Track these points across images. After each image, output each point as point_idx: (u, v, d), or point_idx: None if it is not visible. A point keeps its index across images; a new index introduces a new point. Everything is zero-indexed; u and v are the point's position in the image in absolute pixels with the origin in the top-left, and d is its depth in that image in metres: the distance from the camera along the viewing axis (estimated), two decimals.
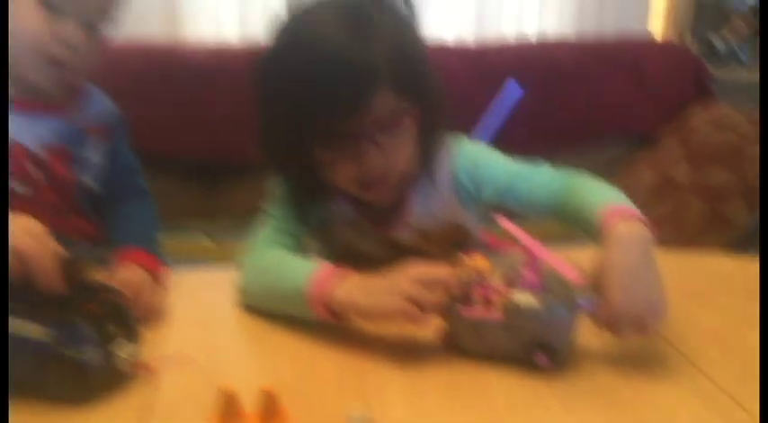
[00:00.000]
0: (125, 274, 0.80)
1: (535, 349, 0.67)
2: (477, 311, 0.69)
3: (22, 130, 0.88)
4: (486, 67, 1.93)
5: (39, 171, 0.90)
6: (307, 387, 0.65)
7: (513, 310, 0.67)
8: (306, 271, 0.76)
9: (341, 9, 0.78)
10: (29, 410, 0.61)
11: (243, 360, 0.75)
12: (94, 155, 0.97)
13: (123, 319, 0.65)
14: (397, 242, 0.91)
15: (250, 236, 0.88)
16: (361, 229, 0.91)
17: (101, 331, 0.62)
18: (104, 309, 0.64)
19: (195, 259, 1.34)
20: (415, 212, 0.91)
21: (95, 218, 0.98)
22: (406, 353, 0.72)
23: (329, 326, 0.76)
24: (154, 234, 0.97)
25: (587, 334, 0.70)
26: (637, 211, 0.74)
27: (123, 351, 0.63)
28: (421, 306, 0.68)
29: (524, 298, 0.67)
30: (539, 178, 0.88)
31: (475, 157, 0.91)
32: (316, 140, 0.80)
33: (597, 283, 0.68)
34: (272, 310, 0.80)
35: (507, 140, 0.96)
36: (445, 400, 0.64)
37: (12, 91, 0.89)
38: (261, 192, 0.99)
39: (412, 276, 0.70)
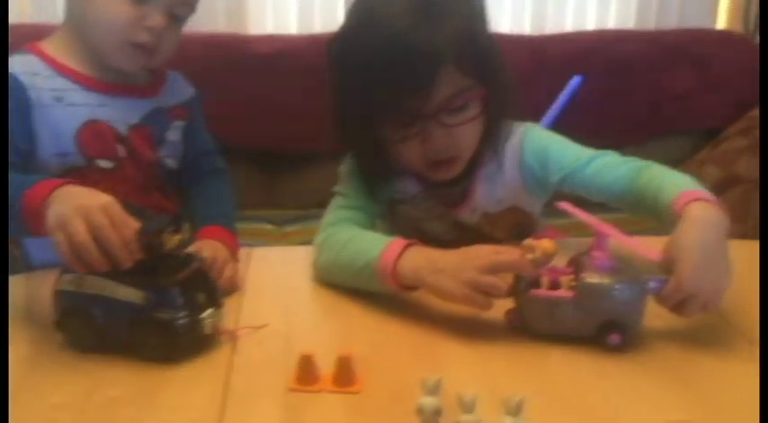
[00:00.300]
0: (206, 249, 0.83)
1: (608, 329, 0.69)
2: (547, 291, 0.71)
3: (110, 111, 0.93)
4: (545, 58, 1.92)
5: (124, 149, 0.94)
6: (378, 355, 0.68)
7: (585, 290, 0.69)
8: (378, 246, 0.79)
9: None
10: (125, 368, 0.65)
11: (317, 329, 0.79)
12: (174, 134, 1.01)
13: (209, 287, 0.69)
14: (461, 223, 0.93)
15: (324, 216, 0.91)
16: (428, 208, 0.94)
17: (190, 298, 0.66)
18: (193, 278, 0.68)
19: (258, 243, 1.39)
20: (480, 194, 0.93)
21: (175, 194, 1.03)
22: (472, 325, 0.75)
23: (399, 298, 0.79)
24: (231, 211, 1.01)
25: (650, 313, 0.71)
26: (711, 196, 0.75)
27: (209, 317, 0.67)
28: (485, 293, 0.70)
29: (597, 278, 0.69)
30: (608, 163, 0.89)
31: (543, 141, 0.93)
32: (385, 119, 0.83)
33: (667, 262, 0.69)
34: (346, 285, 0.83)
35: (569, 133, 0.96)
36: (509, 371, 0.67)
37: (100, 74, 0.94)
38: (322, 180, 1.02)
39: (479, 264, 0.71)
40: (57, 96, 0.90)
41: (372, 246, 0.80)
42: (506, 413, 0.50)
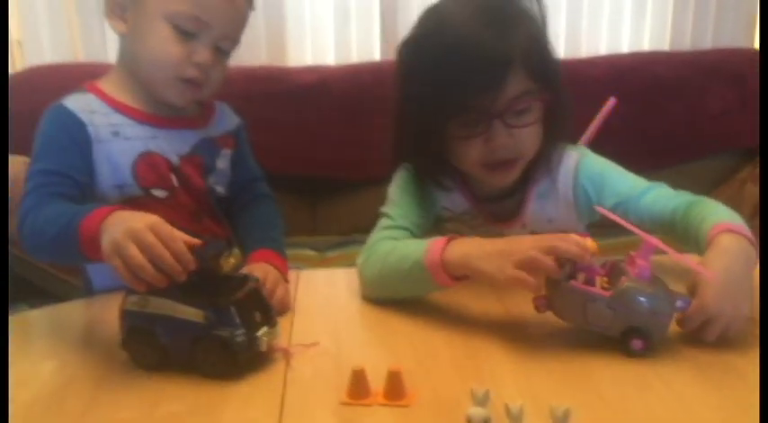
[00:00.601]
0: (258, 272, 0.86)
1: (632, 334, 0.72)
2: (586, 285, 0.73)
3: (162, 142, 0.98)
4: (580, 81, 1.94)
5: (176, 179, 0.99)
6: (423, 369, 0.71)
7: (624, 293, 0.72)
8: (421, 246, 0.83)
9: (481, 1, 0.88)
10: (187, 384, 0.69)
11: (365, 345, 0.82)
12: (223, 162, 1.05)
13: (264, 307, 0.73)
14: None
15: (369, 237, 0.95)
16: (475, 226, 0.96)
17: (247, 317, 0.69)
18: (249, 297, 0.71)
19: (300, 267, 1.43)
20: (532, 211, 0.96)
21: (225, 220, 1.07)
22: (515, 338, 0.77)
23: (442, 312, 0.83)
24: (279, 235, 1.04)
25: None
26: (746, 230, 0.78)
27: (264, 335, 0.70)
28: (533, 273, 0.72)
29: (638, 284, 0.72)
30: (662, 195, 0.92)
31: (600, 167, 0.97)
32: (453, 117, 0.86)
33: (693, 286, 0.73)
34: (397, 294, 0.87)
35: (607, 154, 0.99)
36: (553, 383, 0.68)
37: (153, 109, 0.99)
38: (361, 206, 1.06)
39: (528, 244, 0.74)
40: (114, 131, 0.95)
41: (416, 247, 0.84)
42: (554, 422, 0.52)
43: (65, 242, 0.78)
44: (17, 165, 1.61)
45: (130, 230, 0.69)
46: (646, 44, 2.25)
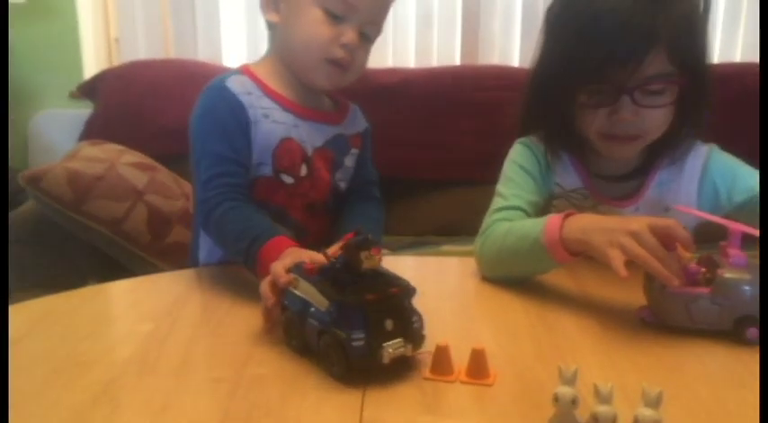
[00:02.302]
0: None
1: (745, 323, 0.70)
2: (683, 288, 0.72)
3: (301, 131, 1.01)
4: None
5: (306, 168, 1.01)
6: (506, 351, 0.71)
7: (723, 285, 0.71)
8: (539, 224, 0.84)
9: None
10: (272, 350, 0.71)
11: (448, 328, 0.79)
12: (350, 160, 1.08)
13: (403, 316, 0.65)
14: None
15: (484, 219, 0.97)
16: (583, 206, 0.97)
17: (375, 322, 0.63)
18: (385, 302, 0.64)
19: None
20: (650, 196, 0.96)
21: (334, 216, 1.08)
22: (597, 321, 0.78)
23: (522, 297, 0.85)
24: (377, 233, 1.05)
25: None
26: None
27: (393, 347, 0.63)
28: (626, 253, 0.72)
29: (735, 273, 0.71)
30: None
31: (731, 162, 0.97)
32: (584, 83, 0.87)
33: None
34: (516, 272, 0.90)
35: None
36: (638, 367, 0.68)
37: (298, 98, 1.02)
38: (437, 208, 1.06)
39: (645, 220, 0.73)
40: (264, 113, 0.98)
41: (534, 226, 0.85)
42: (645, 405, 0.51)
43: (244, 257, 0.84)
44: (112, 152, 1.70)
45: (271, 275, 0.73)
46: (738, 55, 2.18)
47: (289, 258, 0.74)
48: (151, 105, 1.94)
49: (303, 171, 1.01)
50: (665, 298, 0.73)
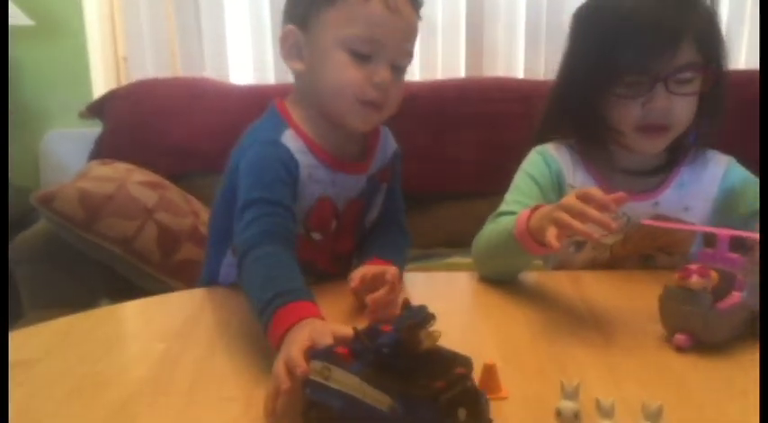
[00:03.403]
0: (375, 269, 0.88)
1: (755, 319, 0.74)
2: (728, 300, 0.75)
3: (337, 189, 0.97)
4: None
5: (336, 223, 0.99)
6: (510, 365, 0.72)
7: (754, 289, 0.74)
8: (513, 219, 0.92)
9: None
10: None
11: (452, 344, 0.82)
12: (380, 197, 1.04)
13: (474, 401, 0.55)
14: (630, 218, 1.02)
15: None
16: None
17: (447, 414, 0.53)
18: (454, 388, 0.54)
19: None
20: (669, 194, 1.04)
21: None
22: (600, 340, 0.79)
23: (525, 310, 0.87)
24: (401, 259, 0.99)
25: None
26: None
27: None
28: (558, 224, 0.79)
29: (755, 276, 0.74)
30: None
31: (746, 172, 1.06)
32: (621, 75, 0.95)
33: None
34: (501, 267, 0.99)
35: None
36: (640, 380, 0.69)
37: (331, 147, 0.96)
38: (444, 221, 1.08)
39: (562, 202, 0.82)
40: (309, 173, 0.94)
41: (510, 220, 0.93)
42: (645, 418, 0.52)
43: (258, 310, 0.75)
44: (122, 171, 1.73)
45: (287, 359, 0.64)
46: (742, 63, 2.20)
47: (304, 334, 0.65)
48: (159, 124, 1.97)
49: (333, 226, 0.99)
50: (713, 317, 0.73)
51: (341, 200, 0.98)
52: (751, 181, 1.05)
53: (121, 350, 0.83)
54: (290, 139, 0.93)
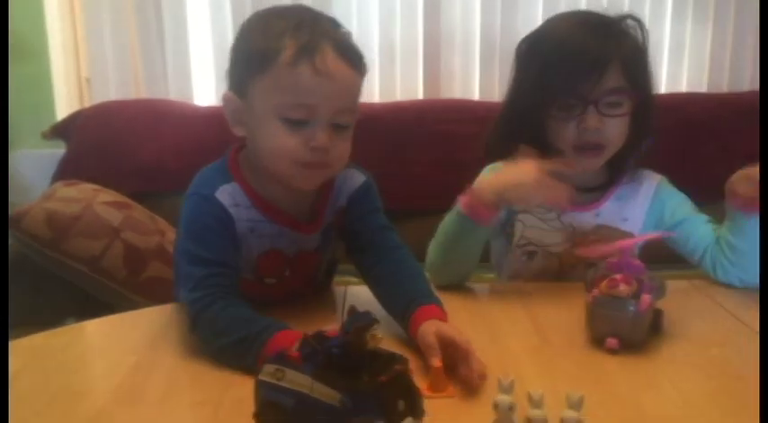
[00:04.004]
0: (448, 329, 0.82)
1: (657, 315, 0.88)
2: (642, 302, 0.84)
3: (286, 241, 0.98)
4: None
5: (289, 269, 1.01)
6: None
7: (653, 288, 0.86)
8: (457, 205, 1.06)
9: (591, 15, 1.13)
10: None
11: (403, 348, 0.85)
12: (333, 242, 1.04)
13: (410, 394, 0.62)
14: (575, 228, 1.15)
15: None
16: (546, 218, 1.16)
17: (390, 405, 0.60)
18: (394, 382, 0.61)
19: None
20: (609, 206, 1.15)
21: (322, 278, 1.09)
22: (542, 344, 0.88)
23: (479, 323, 0.94)
24: (425, 283, 0.96)
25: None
26: None
27: None
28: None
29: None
30: (697, 234, 1.14)
31: (677, 191, 1.18)
32: (557, 98, 1.06)
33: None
34: (453, 258, 1.09)
35: None
36: (571, 379, 0.78)
37: (283, 205, 0.97)
38: (406, 236, 1.14)
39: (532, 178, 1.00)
40: (250, 228, 0.95)
41: (453, 210, 1.07)
42: (569, 407, 0.60)
43: (243, 352, 0.79)
44: (88, 191, 1.76)
45: None
46: (684, 86, 2.33)
47: None
48: (124, 145, 2.01)
49: (287, 272, 1.01)
50: (638, 320, 0.83)
51: (290, 251, 0.99)
52: (676, 195, 1.17)
53: (95, 363, 0.88)
54: (226, 195, 0.94)
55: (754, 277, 1.07)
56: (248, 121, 0.93)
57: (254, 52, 0.89)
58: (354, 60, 0.91)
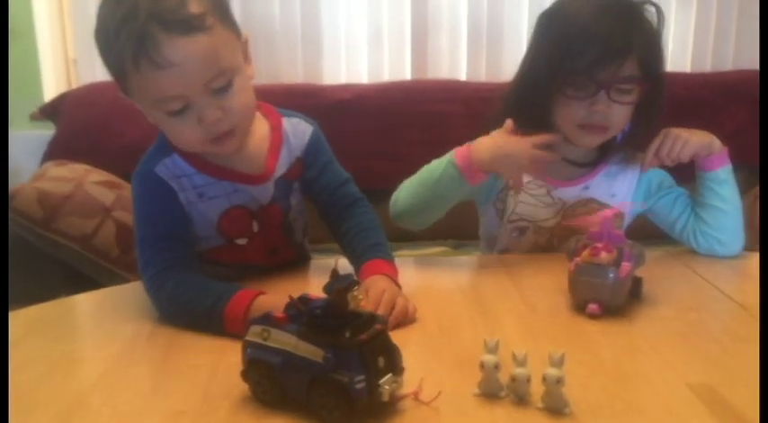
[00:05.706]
0: (377, 288, 0.88)
1: (636, 282, 0.92)
2: (623, 270, 0.87)
3: (243, 196, 0.99)
4: None
5: (257, 224, 1.02)
6: (448, 334, 0.83)
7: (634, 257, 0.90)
8: (450, 153, 1.08)
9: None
10: None
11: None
12: (295, 197, 1.06)
13: (389, 351, 0.65)
14: (564, 202, 1.18)
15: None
16: (537, 194, 1.19)
17: (370, 362, 0.63)
18: (374, 340, 0.64)
19: None
20: (598, 182, 1.18)
21: (297, 244, 1.11)
22: (526, 309, 0.92)
23: (468, 292, 0.98)
24: (384, 240, 1.03)
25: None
26: None
27: (387, 383, 0.63)
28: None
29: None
30: (679, 204, 1.19)
31: (660, 170, 1.19)
32: (571, 79, 1.06)
33: None
34: (431, 203, 1.10)
35: None
36: (552, 338, 0.82)
37: (231, 164, 0.98)
38: (388, 217, 1.17)
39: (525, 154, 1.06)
40: (199, 193, 0.97)
41: (443, 158, 1.09)
42: (551, 365, 0.63)
43: (207, 318, 0.84)
44: (79, 171, 1.77)
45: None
46: (668, 66, 2.35)
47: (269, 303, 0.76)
48: (114, 125, 2.01)
49: (255, 228, 1.02)
50: (617, 286, 0.86)
51: (253, 204, 1.00)
52: (660, 171, 1.20)
53: (94, 331, 0.91)
54: (164, 168, 0.95)
55: (732, 235, 1.14)
56: (146, 114, 0.92)
57: (105, 62, 0.88)
58: (193, 26, 0.83)
